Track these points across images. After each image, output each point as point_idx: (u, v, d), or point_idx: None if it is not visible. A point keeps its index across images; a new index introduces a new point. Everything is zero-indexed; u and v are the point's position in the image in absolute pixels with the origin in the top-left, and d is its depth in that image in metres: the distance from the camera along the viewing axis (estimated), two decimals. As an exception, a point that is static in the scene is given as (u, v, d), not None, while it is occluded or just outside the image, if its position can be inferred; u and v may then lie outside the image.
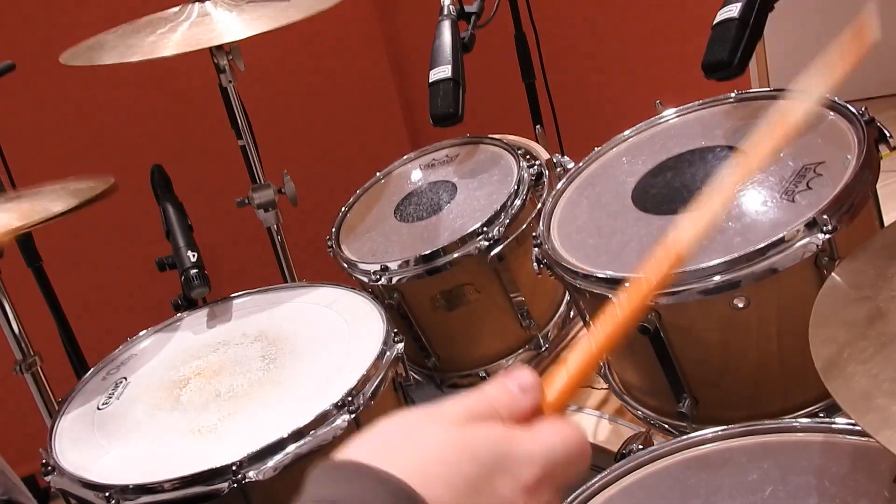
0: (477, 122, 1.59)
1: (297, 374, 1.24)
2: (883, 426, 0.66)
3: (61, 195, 1.40)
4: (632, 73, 2.65)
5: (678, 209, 1.12)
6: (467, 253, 1.37)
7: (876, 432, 0.65)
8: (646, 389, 1.20)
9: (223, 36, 1.52)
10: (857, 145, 1.06)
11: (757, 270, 0.98)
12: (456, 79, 1.49)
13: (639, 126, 1.35)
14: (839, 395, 0.70)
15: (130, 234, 2.36)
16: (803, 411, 1.06)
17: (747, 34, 1.17)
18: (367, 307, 1.34)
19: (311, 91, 2.82)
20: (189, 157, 2.44)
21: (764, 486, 0.80)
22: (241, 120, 1.76)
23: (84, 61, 1.51)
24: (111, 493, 1.08)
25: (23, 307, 1.60)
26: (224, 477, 1.06)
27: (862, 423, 0.67)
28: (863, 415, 0.68)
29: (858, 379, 0.70)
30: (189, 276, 1.43)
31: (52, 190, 1.46)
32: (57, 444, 1.22)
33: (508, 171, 1.49)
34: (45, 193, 1.45)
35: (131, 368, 1.37)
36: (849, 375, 0.71)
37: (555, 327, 1.51)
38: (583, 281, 1.10)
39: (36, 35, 2.32)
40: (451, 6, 1.58)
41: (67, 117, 2.43)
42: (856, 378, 0.71)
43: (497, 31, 1.73)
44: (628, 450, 0.96)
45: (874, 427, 0.66)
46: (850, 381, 0.71)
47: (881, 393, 0.68)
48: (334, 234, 1.57)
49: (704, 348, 1.07)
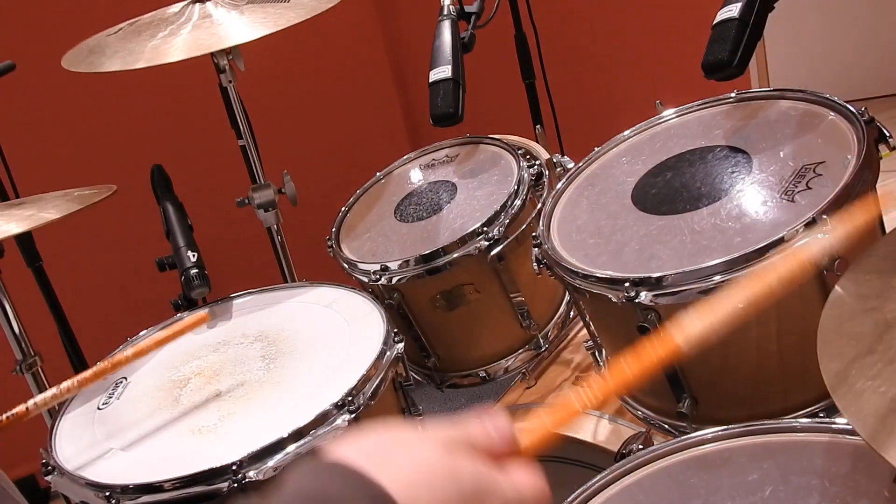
0: (477, 122, 1.59)
1: (297, 374, 1.24)
2: (893, 444, 0.65)
3: (63, 202, 1.41)
4: (632, 73, 2.65)
5: (678, 209, 1.12)
6: (467, 253, 1.37)
7: (885, 451, 0.65)
8: (646, 389, 1.20)
9: (225, 40, 1.52)
10: (856, 145, 1.05)
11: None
12: (456, 79, 1.49)
13: (639, 126, 1.35)
14: (849, 412, 0.70)
15: (130, 234, 2.36)
16: (803, 411, 1.06)
17: (747, 34, 1.17)
18: (367, 307, 1.34)
19: (311, 91, 2.82)
20: (189, 157, 2.44)
21: (764, 487, 0.80)
22: (241, 120, 1.76)
23: (87, 68, 1.51)
24: (111, 493, 1.08)
25: (23, 307, 1.60)
26: (224, 477, 1.06)
27: (872, 441, 0.67)
28: (875, 435, 0.67)
29: (868, 396, 0.70)
30: (189, 276, 1.43)
31: (53, 198, 1.46)
32: (57, 444, 1.22)
33: (508, 171, 1.49)
34: (48, 200, 1.46)
35: (131, 368, 1.37)
36: (858, 392, 0.71)
37: (555, 327, 1.51)
38: (583, 281, 1.10)
39: (36, 36, 2.32)
40: (451, 6, 1.58)
41: (67, 117, 2.44)
42: (865, 396, 0.70)
43: (497, 31, 1.73)
44: (628, 450, 0.96)
45: (887, 447, 0.65)
46: (859, 398, 0.70)
47: (890, 411, 0.68)
48: (334, 234, 1.57)
49: (704, 348, 1.07)
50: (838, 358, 0.76)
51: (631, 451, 0.93)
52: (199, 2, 1.62)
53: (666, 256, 1.06)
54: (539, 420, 0.62)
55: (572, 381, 1.47)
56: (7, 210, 1.43)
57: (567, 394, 0.61)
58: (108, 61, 1.50)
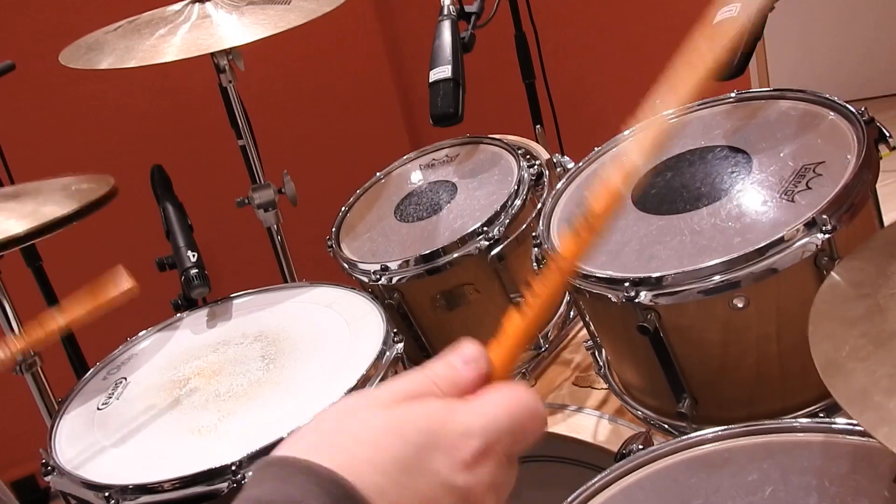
0: (477, 122, 1.59)
1: (296, 374, 1.24)
2: (881, 423, 0.66)
3: (61, 198, 1.40)
4: (632, 73, 2.65)
5: (678, 209, 1.12)
6: (467, 253, 1.37)
7: (874, 430, 0.65)
8: (646, 389, 1.20)
9: (223, 41, 1.51)
10: (856, 145, 1.05)
11: (756, 270, 0.98)
12: (456, 79, 1.49)
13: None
14: (838, 392, 0.70)
15: (130, 234, 2.36)
16: (803, 411, 1.06)
17: (747, 34, 1.17)
18: (367, 307, 1.34)
19: (312, 91, 2.82)
20: (189, 157, 2.44)
21: (764, 487, 0.80)
22: (241, 120, 1.76)
23: (83, 64, 1.51)
24: (111, 493, 1.08)
25: (23, 307, 1.60)
26: (224, 477, 1.06)
27: (860, 420, 0.67)
28: (860, 412, 0.68)
29: (857, 376, 0.70)
30: (189, 276, 1.44)
31: (52, 190, 1.46)
32: (57, 444, 1.22)
33: (508, 171, 1.49)
34: (45, 192, 1.45)
35: (131, 368, 1.37)
36: (848, 372, 0.71)
37: (555, 327, 1.51)
38: (582, 281, 1.10)
39: (36, 35, 2.32)
40: (451, 6, 1.58)
41: (67, 117, 2.44)
42: (855, 375, 0.71)
43: (497, 31, 1.73)
44: (628, 450, 0.96)
45: (872, 424, 0.66)
46: (849, 378, 0.71)
47: (879, 390, 0.68)
48: (334, 233, 1.57)
49: (704, 348, 1.07)
50: (830, 340, 0.76)
51: (631, 451, 0.93)
52: (199, 1, 1.62)
53: (666, 256, 1.06)
54: (503, 339, 0.58)
55: (572, 381, 1.47)
56: (5, 202, 1.43)
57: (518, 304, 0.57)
58: (105, 58, 1.50)
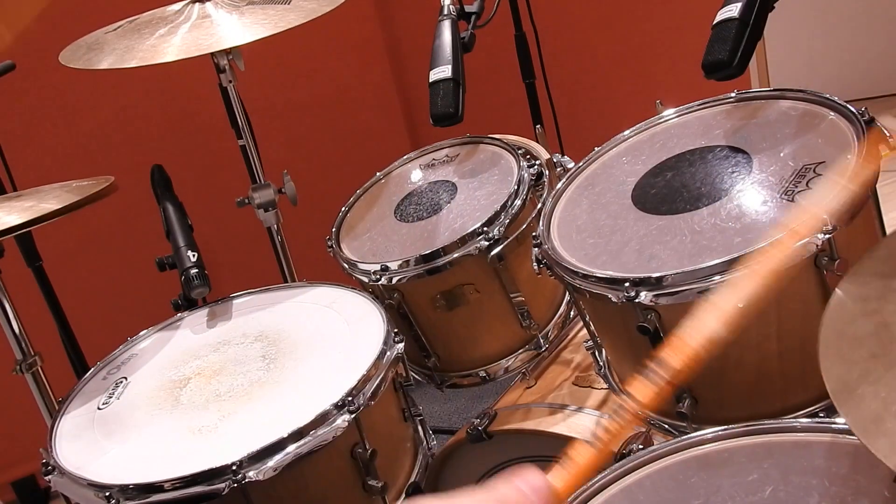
0: (477, 122, 1.59)
1: (297, 374, 1.24)
2: (893, 451, 0.65)
3: (61, 193, 1.40)
4: (632, 73, 2.65)
5: (678, 209, 1.12)
6: (467, 253, 1.37)
7: (887, 458, 0.65)
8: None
9: (223, 41, 1.51)
10: (856, 145, 1.05)
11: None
12: (456, 79, 1.49)
13: (639, 126, 1.35)
14: (851, 419, 0.70)
15: (130, 234, 2.36)
16: (803, 411, 1.06)
17: (747, 34, 1.17)
18: (367, 307, 1.34)
19: (312, 91, 2.82)
20: (189, 157, 2.44)
21: (764, 487, 0.80)
22: (241, 120, 1.76)
23: (83, 64, 1.51)
24: (111, 493, 1.08)
25: (23, 307, 1.60)
26: (224, 477, 1.06)
27: (874, 448, 0.66)
28: (874, 440, 0.67)
29: (869, 402, 0.69)
30: (189, 275, 1.43)
31: (52, 189, 1.46)
32: (57, 444, 1.22)
33: (508, 171, 1.49)
34: (45, 191, 1.46)
35: (131, 368, 1.37)
36: (860, 399, 0.70)
37: (555, 327, 1.51)
38: (583, 281, 1.10)
39: (36, 35, 2.32)
40: (451, 6, 1.58)
41: (67, 117, 2.43)
42: (866, 401, 0.70)
43: (497, 31, 1.73)
44: (628, 450, 0.96)
45: (886, 452, 0.65)
46: (861, 404, 0.70)
47: (891, 415, 0.67)
48: (334, 233, 1.57)
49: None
50: (840, 362, 0.75)
51: (631, 451, 0.93)
52: (199, 1, 1.62)
53: (666, 256, 1.06)
54: (570, 469, 0.63)
55: (572, 381, 1.47)
56: (6, 202, 1.43)
57: (587, 434, 0.63)
58: (105, 59, 1.50)
